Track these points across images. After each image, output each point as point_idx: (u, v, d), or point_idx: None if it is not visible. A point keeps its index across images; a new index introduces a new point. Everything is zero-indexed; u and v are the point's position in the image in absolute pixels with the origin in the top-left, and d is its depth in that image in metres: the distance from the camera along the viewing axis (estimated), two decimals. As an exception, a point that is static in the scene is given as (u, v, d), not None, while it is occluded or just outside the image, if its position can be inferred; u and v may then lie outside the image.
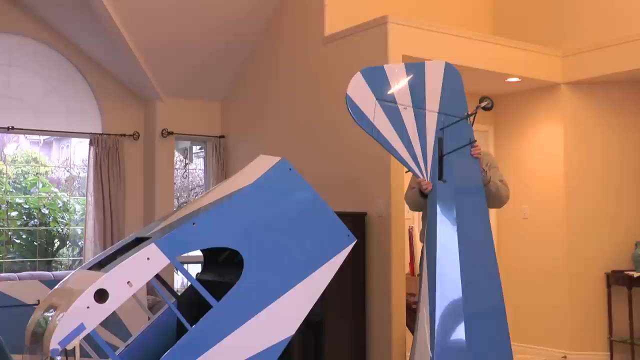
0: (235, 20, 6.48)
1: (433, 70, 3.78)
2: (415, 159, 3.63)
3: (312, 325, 4.56)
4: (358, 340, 5.15)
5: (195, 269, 6.21)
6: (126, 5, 6.01)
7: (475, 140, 3.79)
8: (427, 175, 3.65)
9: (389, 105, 3.61)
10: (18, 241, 8.70)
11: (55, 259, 8.87)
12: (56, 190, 9.01)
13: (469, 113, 3.79)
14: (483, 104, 3.85)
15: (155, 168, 6.96)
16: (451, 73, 3.84)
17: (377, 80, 3.63)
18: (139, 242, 2.77)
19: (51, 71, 6.78)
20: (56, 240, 9.11)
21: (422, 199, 3.87)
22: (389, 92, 3.64)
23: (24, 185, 9.08)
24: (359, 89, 3.59)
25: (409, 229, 5.43)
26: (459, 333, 3.44)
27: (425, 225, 4.11)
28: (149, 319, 3.25)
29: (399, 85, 3.68)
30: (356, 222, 5.04)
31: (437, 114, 3.71)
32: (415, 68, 3.75)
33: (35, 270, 7.50)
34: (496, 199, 4.00)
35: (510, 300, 6.64)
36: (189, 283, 2.83)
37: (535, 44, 6.15)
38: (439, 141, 3.67)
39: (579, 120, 6.29)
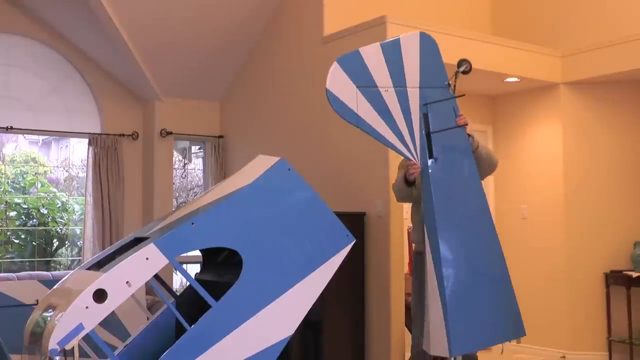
0: (234, 20, 6.48)
1: (409, 43, 3.65)
2: (403, 142, 3.53)
3: (311, 325, 4.56)
4: (357, 340, 5.15)
5: (194, 269, 6.21)
6: (125, 6, 6.01)
7: (459, 112, 3.70)
8: (418, 156, 3.56)
9: (370, 91, 3.50)
10: (17, 241, 8.70)
11: (54, 259, 8.87)
12: (55, 190, 9.01)
13: (449, 82, 3.68)
14: (462, 69, 3.73)
15: (154, 168, 6.96)
16: (427, 43, 3.72)
17: (355, 67, 3.51)
18: (137, 242, 2.77)
19: (50, 71, 6.78)
20: (55, 240, 9.11)
21: (406, 188, 3.83)
22: (368, 77, 3.52)
23: (22, 185, 9.08)
24: (338, 80, 3.46)
25: (407, 229, 5.43)
26: (470, 305, 3.47)
27: (415, 225, 4.11)
28: (147, 319, 3.25)
29: (377, 67, 3.55)
30: (355, 222, 5.05)
31: (418, 90, 3.61)
32: (391, 45, 3.62)
33: (34, 270, 7.50)
34: (487, 163, 3.91)
35: (509, 300, 6.67)
36: (188, 283, 2.83)
37: (534, 44, 6.16)
38: (424, 117, 3.57)
39: (578, 120, 6.29)
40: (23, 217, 8.68)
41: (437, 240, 3.44)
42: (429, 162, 3.54)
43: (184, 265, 6.43)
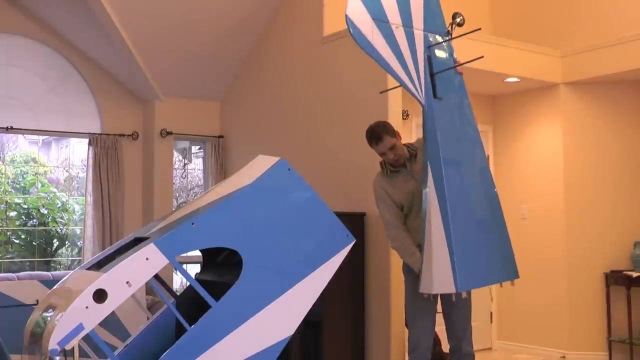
0: (234, 20, 6.48)
1: None
2: (411, 79, 3.56)
3: (311, 325, 4.56)
4: (357, 340, 5.15)
5: (194, 269, 6.21)
6: (125, 5, 6.01)
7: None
8: (423, 94, 3.59)
9: (384, 25, 3.53)
10: (17, 241, 8.70)
11: (54, 259, 8.87)
12: (55, 190, 9.01)
13: (448, 30, 3.80)
14: (457, 20, 3.83)
15: (154, 168, 6.96)
16: None
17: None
18: (138, 242, 2.77)
19: (50, 71, 6.78)
20: (55, 240, 9.11)
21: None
22: (381, 11, 3.54)
23: (22, 185, 9.08)
24: (356, 9, 3.45)
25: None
26: (472, 243, 3.53)
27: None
28: (147, 319, 3.25)
29: (389, 3, 3.60)
30: (355, 222, 5.04)
31: (422, 33, 3.68)
32: None
33: (34, 270, 7.49)
34: None
35: (509, 300, 6.67)
36: (188, 283, 2.83)
37: (534, 44, 6.16)
38: (428, 59, 3.63)
39: (578, 120, 6.30)
40: (23, 217, 8.68)
41: (442, 178, 3.47)
42: (434, 102, 3.58)
43: (184, 265, 6.43)
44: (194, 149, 8.03)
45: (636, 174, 6.25)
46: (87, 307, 2.36)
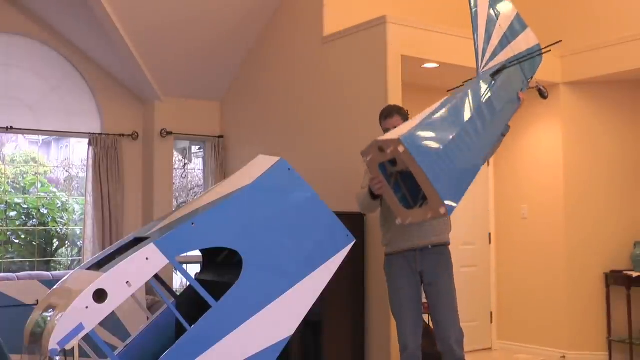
0: (234, 20, 6.48)
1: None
2: (484, 53, 3.89)
3: (311, 325, 4.56)
4: (357, 340, 5.15)
5: (194, 269, 6.21)
6: (125, 5, 6.01)
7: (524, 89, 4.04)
8: (481, 65, 3.86)
9: (491, 15, 3.97)
10: (17, 241, 8.70)
11: (54, 259, 8.87)
12: (55, 190, 9.01)
13: (542, 50, 4.16)
14: (544, 95, 4.20)
15: (154, 168, 6.96)
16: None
17: None
18: (137, 242, 2.77)
19: (50, 71, 6.79)
20: (55, 240, 9.11)
21: (372, 201, 3.88)
22: (498, 7, 4.02)
23: (22, 185, 9.08)
24: None
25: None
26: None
27: (385, 233, 4.19)
28: (147, 319, 3.25)
29: (508, 9, 4.07)
30: (355, 222, 5.05)
31: (514, 55, 3.99)
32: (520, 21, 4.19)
33: (34, 270, 7.49)
34: (494, 149, 4.07)
35: (509, 299, 6.68)
36: (188, 283, 2.83)
37: (534, 44, 6.15)
38: (503, 66, 3.91)
39: (578, 120, 6.30)
40: (23, 217, 8.68)
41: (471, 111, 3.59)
42: (491, 79, 3.79)
43: (184, 265, 6.43)
44: (194, 149, 8.03)
45: (636, 174, 6.26)
46: (87, 307, 2.36)
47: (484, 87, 3.76)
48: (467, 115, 3.59)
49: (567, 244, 6.21)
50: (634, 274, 5.86)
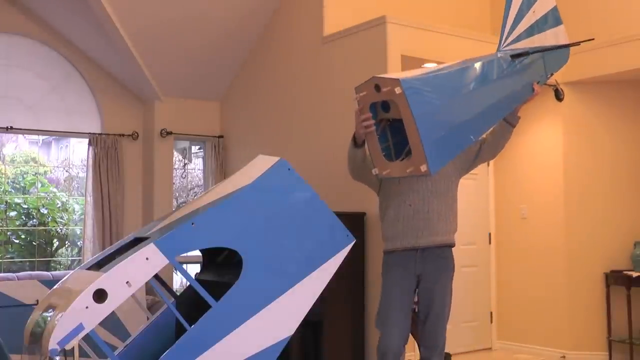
0: (234, 20, 6.48)
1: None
2: (510, 30, 3.82)
3: (311, 325, 4.56)
4: (357, 340, 5.15)
5: (194, 269, 6.21)
6: (125, 6, 6.01)
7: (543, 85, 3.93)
8: (503, 43, 3.76)
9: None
10: (17, 241, 8.70)
11: (54, 259, 8.86)
12: (55, 190, 9.01)
13: (571, 43, 4.09)
14: (560, 97, 4.15)
15: (154, 168, 6.96)
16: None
17: None
18: (137, 242, 2.76)
19: (50, 71, 6.79)
20: (55, 240, 9.11)
21: (354, 149, 3.66)
22: None
23: (22, 185, 9.07)
24: None
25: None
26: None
27: (385, 228, 3.86)
28: (147, 319, 3.25)
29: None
30: (355, 222, 5.05)
31: (538, 48, 3.86)
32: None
33: (34, 270, 7.49)
34: (496, 145, 3.92)
35: (509, 300, 6.67)
36: (188, 283, 2.83)
37: (534, 44, 6.15)
38: (526, 52, 3.77)
39: (578, 120, 6.30)
40: (23, 217, 8.68)
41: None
42: (510, 59, 3.67)
43: (184, 265, 6.43)
44: (194, 149, 8.03)
45: (636, 174, 6.25)
46: (87, 307, 2.36)
47: (501, 65, 3.63)
48: (473, 85, 3.45)
49: (567, 244, 6.21)
50: (634, 274, 5.86)
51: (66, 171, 9.44)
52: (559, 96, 4.06)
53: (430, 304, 3.72)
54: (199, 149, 7.92)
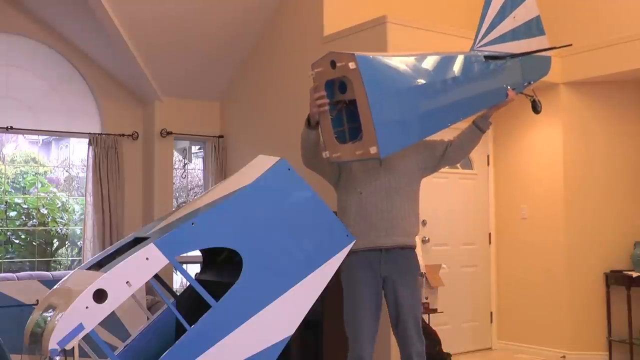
0: (234, 20, 6.48)
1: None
2: (483, 37, 3.72)
3: (311, 325, 4.56)
4: (357, 340, 5.14)
5: (194, 269, 6.21)
6: (125, 6, 6.01)
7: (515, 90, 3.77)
8: (477, 43, 3.70)
9: (507, 2, 3.79)
10: (17, 241, 8.70)
11: (54, 259, 8.87)
12: (55, 190, 9.01)
13: (545, 48, 3.93)
14: (538, 110, 3.95)
15: (154, 168, 6.96)
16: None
17: None
18: (138, 242, 2.76)
19: (50, 71, 6.79)
20: (55, 240, 9.11)
21: (307, 130, 3.42)
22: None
23: (22, 185, 9.07)
24: None
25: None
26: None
27: (341, 212, 3.55)
28: (148, 319, 3.25)
29: (531, 6, 3.89)
30: (355, 222, 5.03)
31: (519, 58, 3.78)
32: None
33: (34, 270, 7.50)
34: (462, 151, 3.71)
35: (509, 299, 6.67)
36: (188, 283, 2.83)
37: (534, 44, 6.15)
38: (502, 56, 3.72)
39: (578, 120, 6.30)
40: (23, 217, 8.68)
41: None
42: (483, 59, 3.62)
43: (184, 265, 6.44)
44: (194, 149, 8.03)
45: (636, 174, 6.25)
46: (87, 307, 2.36)
47: (472, 63, 3.56)
48: (440, 76, 3.35)
49: (567, 244, 6.21)
50: (634, 274, 5.86)
51: (66, 171, 9.44)
52: (536, 108, 3.87)
53: (401, 308, 3.47)
54: (199, 149, 7.92)
